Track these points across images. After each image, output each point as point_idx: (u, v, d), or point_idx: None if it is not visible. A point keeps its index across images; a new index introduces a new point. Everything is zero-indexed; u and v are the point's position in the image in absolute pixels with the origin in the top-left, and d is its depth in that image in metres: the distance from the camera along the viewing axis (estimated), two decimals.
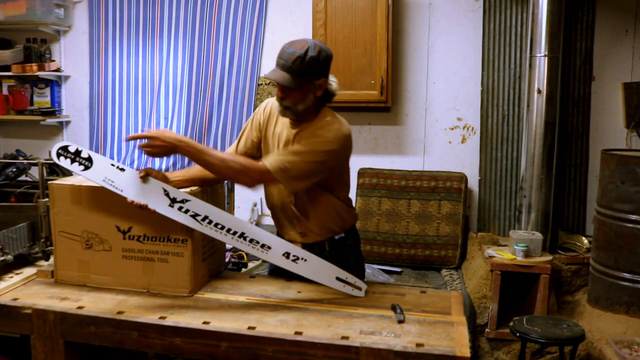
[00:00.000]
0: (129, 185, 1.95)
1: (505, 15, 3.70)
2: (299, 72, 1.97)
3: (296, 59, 1.96)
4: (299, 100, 2.03)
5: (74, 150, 1.97)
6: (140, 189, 1.95)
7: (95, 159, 1.96)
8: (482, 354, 3.23)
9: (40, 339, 1.92)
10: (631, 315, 3.04)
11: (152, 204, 1.94)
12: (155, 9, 4.13)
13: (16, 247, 2.28)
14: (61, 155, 1.96)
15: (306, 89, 2.03)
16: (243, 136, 2.28)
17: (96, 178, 1.95)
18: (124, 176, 1.96)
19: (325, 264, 2.07)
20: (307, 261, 2.05)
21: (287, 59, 1.98)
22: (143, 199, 1.94)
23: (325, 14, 3.67)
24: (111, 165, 1.97)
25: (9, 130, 4.58)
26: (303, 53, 1.96)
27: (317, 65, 2.00)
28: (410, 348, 1.68)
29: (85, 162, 1.96)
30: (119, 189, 1.94)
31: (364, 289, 2.09)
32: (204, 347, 1.80)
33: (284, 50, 2.00)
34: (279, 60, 2.01)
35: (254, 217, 4.12)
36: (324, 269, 2.06)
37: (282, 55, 2.00)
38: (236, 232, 2.00)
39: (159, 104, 4.19)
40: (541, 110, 3.44)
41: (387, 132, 3.97)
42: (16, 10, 4.07)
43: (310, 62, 1.97)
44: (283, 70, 1.99)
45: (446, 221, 3.71)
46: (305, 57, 1.96)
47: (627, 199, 3.04)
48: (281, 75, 1.99)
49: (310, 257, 2.06)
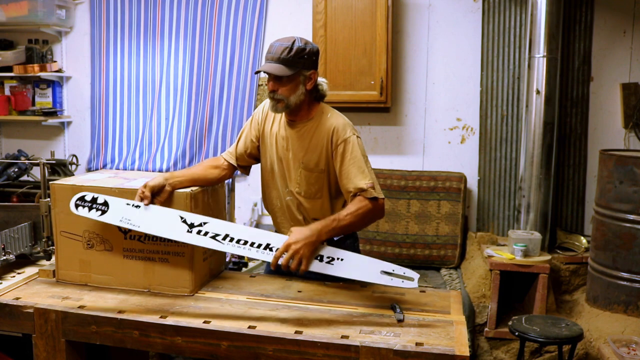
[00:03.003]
0: (145, 220, 1.97)
1: (504, 16, 3.71)
2: (288, 61, 2.03)
3: (284, 50, 2.03)
4: (290, 92, 2.07)
5: (90, 198, 2.02)
6: (157, 221, 1.97)
7: (111, 202, 2.01)
8: (481, 353, 3.24)
9: (41, 338, 1.94)
10: (629, 314, 3.05)
11: (170, 234, 1.95)
12: (156, 11, 4.15)
13: (18, 246, 2.29)
14: (79, 205, 2.01)
15: (296, 80, 2.07)
16: (243, 135, 2.30)
17: (114, 220, 1.99)
18: (139, 212, 1.99)
19: (367, 259, 1.95)
20: (344, 260, 1.94)
21: (276, 51, 2.05)
22: (161, 231, 1.96)
23: (325, 15, 3.68)
24: (126, 204, 2.00)
25: (11, 131, 4.59)
26: (290, 44, 2.04)
27: (305, 55, 2.06)
28: (409, 347, 1.70)
29: (102, 207, 2.00)
30: (136, 225, 1.97)
31: (416, 279, 1.89)
32: (204, 346, 1.81)
33: (272, 45, 2.08)
34: (267, 55, 2.08)
35: (254, 217, 4.13)
36: (366, 265, 1.93)
37: (270, 49, 2.07)
38: (261, 245, 1.95)
39: (160, 105, 4.21)
40: (540, 111, 3.45)
41: (387, 132, 3.98)
42: (18, 12, 4.08)
43: (298, 51, 2.04)
44: (272, 62, 2.05)
45: (445, 221, 3.73)
46: (292, 47, 2.03)
47: (625, 198, 3.05)
48: (270, 66, 2.04)
49: (347, 255, 1.96)
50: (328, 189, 2.19)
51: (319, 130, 2.14)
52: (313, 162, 2.15)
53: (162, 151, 4.20)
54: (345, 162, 2.10)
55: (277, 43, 2.06)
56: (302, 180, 2.16)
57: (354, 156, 2.09)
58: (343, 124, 2.14)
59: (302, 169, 2.16)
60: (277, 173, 2.23)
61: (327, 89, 2.20)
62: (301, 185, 2.17)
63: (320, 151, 2.14)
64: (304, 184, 2.17)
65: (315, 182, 2.16)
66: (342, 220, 2.01)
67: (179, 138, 4.18)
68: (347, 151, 2.10)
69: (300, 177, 2.16)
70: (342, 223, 2.01)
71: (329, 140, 2.12)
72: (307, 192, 2.17)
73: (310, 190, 2.17)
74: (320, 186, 2.17)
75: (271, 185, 2.27)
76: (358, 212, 2.04)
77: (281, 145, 2.20)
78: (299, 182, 2.17)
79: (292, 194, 2.20)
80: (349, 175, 2.09)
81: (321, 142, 2.14)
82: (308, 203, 2.19)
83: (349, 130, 2.12)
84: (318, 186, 2.17)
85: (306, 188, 2.17)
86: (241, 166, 2.32)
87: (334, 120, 2.15)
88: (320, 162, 2.15)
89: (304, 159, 2.15)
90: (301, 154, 2.15)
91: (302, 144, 2.15)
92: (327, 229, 1.98)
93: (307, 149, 2.15)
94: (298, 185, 2.17)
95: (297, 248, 1.91)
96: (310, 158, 2.15)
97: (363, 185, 2.06)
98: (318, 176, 2.16)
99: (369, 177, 2.08)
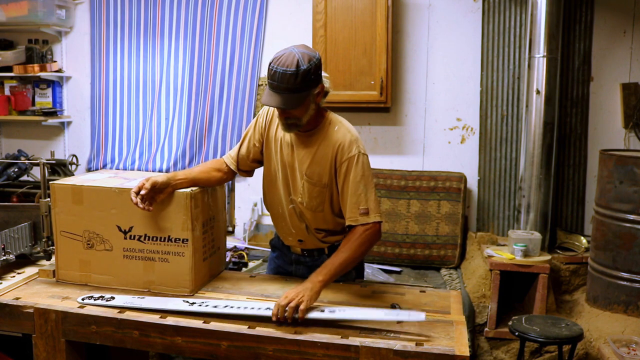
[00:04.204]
0: (149, 303, 1.98)
1: (504, 16, 3.71)
2: (296, 89, 1.91)
3: (290, 78, 1.89)
4: (302, 113, 1.99)
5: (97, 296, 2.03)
6: (160, 302, 1.98)
7: (117, 297, 2.03)
8: (481, 353, 3.24)
9: (41, 338, 1.94)
10: (629, 314, 3.05)
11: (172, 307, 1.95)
12: (156, 11, 4.15)
13: (18, 246, 2.29)
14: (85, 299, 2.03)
15: (307, 101, 1.97)
16: (245, 140, 2.25)
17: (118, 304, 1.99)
18: (143, 301, 1.99)
19: (369, 309, 1.91)
20: (346, 310, 1.89)
21: (280, 79, 1.90)
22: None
23: (325, 15, 3.68)
24: (132, 297, 2.02)
25: (10, 131, 4.59)
26: (295, 69, 1.89)
27: (311, 76, 1.93)
28: (409, 347, 1.70)
29: (109, 299, 2.01)
30: (139, 304, 1.96)
31: (423, 315, 1.81)
32: (204, 346, 1.82)
33: (274, 72, 1.91)
34: (272, 83, 1.93)
35: (254, 217, 4.13)
36: (369, 311, 1.91)
37: (273, 77, 1.91)
38: (260, 307, 1.91)
39: (160, 105, 4.21)
40: (540, 111, 3.45)
41: (387, 132, 3.98)
42: (18, 12, 4.08)
43: (305, 76, 1.90)
44: (279, 93, 1.92)
45: (445, 221, 3.73)
46: (298, 73, 1.89)
47: (625, 198, 3.05)
48: (278, 99, 1.92)
49: (348, 308, 1.92)
50: (330, 204, 2.14)
51: (324, 144, 2.08)
52: (316, 175, 2.10)
53: (162, 151, 4.20)
54: (348, 182, 2.05)
55: (280, 69, 1.89)
56: (304, 192, 2.12)
57: (355, 175, 2.04)
58: (350, 140, 2.06)
59: (305, 181, 2.11)
60: (281, 180, 2.18)
61: (330, 85, 2.11)
62: (304, 197, 2.13)
63: (324, 165, 2.08)
64: (307, 196, 2.12)
65: (317, 195, 2.12)
66: (344, 262, 1.98)
67: (179, 138, 4.18)
68: (350, 170, 2.04)
69: (303, 189, 2.12)
70: (345, 264, 1.99)
71: (334, 156, 2.07)
72: (309, 205, 2.13)
73: (312, 203, 2.13)
74: (322, 200, 2.12)
75: (273, 191, 2.23)
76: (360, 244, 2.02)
77: (286, 152, 2.14)
78: (301, 193, 2.13)
79: (294, 202, 2.17)
80: (346, 203, 2.06)
81: (326, 156, 2.08)
82: (310, 215, 2.16)
83: (354, 148, 2.05)
84: (320, 200, 2.12)
85: (308, 200, 2.12)
86: (243, 170, 2.28)
87: (341, 135, 2.07)
88: (323, 176, 2.09)
89: (307, 171, 2.10)
90: (305, 165, 2.10)
91: (307, 153, 2.10)
92: (327, 275, 1.93)
93: (312, 161, 2.09)
94: (301, 195, 2.13)
95: (303, 300, 1.84)
96: (314, 170, 2.10)
97: (358, 215, 2.03)
98: (320, 190, 2.11)
99: (364, 202, 2.03)
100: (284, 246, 2.34)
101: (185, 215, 2.04)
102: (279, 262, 2.38)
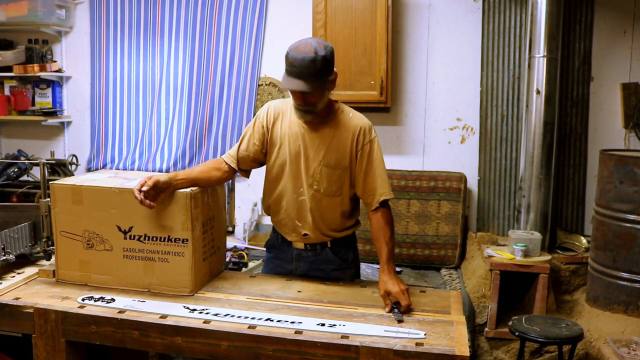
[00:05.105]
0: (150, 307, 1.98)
1: (504, 16, 3.71)
2: (315, 74, 1.99)
3: (309, 63, 1.98)
4: (319, 99, 2.08)
5: (97, 297, 2.03)
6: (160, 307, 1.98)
7: (117, 299, 2.03)
8: (481, 353, 3.24)
9: (41, 338, 1.94)
10: (629, 315, 3.05)
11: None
12: (156, 10, 4.15)
13: (18, 246, 2.29)
14: None
15: (324, 87, 2.07)
16: (245, 139, 2.26)
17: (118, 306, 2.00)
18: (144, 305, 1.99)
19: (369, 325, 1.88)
20: (346, 325, 1.86)
21: (300, 65, 1.98)
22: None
23: (325, 15, 3.68)
24: (132, 300, 2.02)
25: (10, 131, 4.59)
26: (314, 55, 1.98)
27: (328, 62, 2.03)
28: (409, 347, 1.70)
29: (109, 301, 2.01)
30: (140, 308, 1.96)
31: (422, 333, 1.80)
32: (204, 347, 1.81)
33: (293, 58, 1.99)
34: (291, 69, 2.00)
35: (254, 217, 4.13)
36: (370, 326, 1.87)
37: (293, 62, 1.99)
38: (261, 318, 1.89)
39: (160, 105, 4.21)
40: (540, 111, 3.45)
41: (387, 132, 3.98)
42: (18, 11, 4.08)
43: (323, 61, 2.00)
44: (300, 79, 1.99)
45: (445, 221, 3.73)
46: (316, 59, 1.98)
47: (625, 198, 3.05)
48: (299, 83, 2.00)
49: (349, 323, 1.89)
50: (348, 187, 2.22)
51: (341, 130, 2.17)
52: (334, 160, 2.17)
53: (162, 151, 4.20)
54: (372, 163, 2.17)
55: (300, 56, 1.98)
56: (322, 178, 2.18)
57: (378, 158, 2.18)
58: (369, 124, 2.20)
59: (323, 167, 2.17)
60: (288, 174, 2.21)
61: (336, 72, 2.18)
62: (321, 183, 2.18)
63: (343, 150, 2.17)
64: (325, 182, 2.18)
65: (337, 179, 2.19)
66: (392, 246, 2.15)
67: (179, 138, 4.18)
68: (373, 152, 2.17)
69: (321, 175, 2.17)
70: (393, 247, 2.15)
71: (355, 140, 2.16)
72: (328, 190, 2.19)
73: (331, 187, 2.19)
74: (341, 184, 2.20)
75: (279, 187, 2.25)
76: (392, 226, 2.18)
77: (295, 145, 2.18)
78: (318, 180, 2.18)
79: (307, 192, 2.20)
80: (375, 179, 2.17)
81: (345, 140, 2.16)
82: (327, 201, 2.21)
83: (373, 132, 2.20)
84: (339, 184, 2.19)
85: (327, 185, 2.19)
86: (242, 169, 2.29)
87: (359, 120, 2.19)
88: (342, 160, 2.18)
89: (325, 157, 2.16)
90: (322, 152, 2.16)
91: (323, 141, 2.17)
92: (393, 264, 2.12)
93: (329, 147, 2.16)
94: (317, 182, 2.18)
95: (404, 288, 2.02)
96: (332, 156, 2.17)
97: (387, 195, 2.16)
98: (341, 174, 2.19)
99: (387, 183, 2.18)
100: (283, 244, 2.34)
101: (185, 215, 2.04)
102: (277, 261, 2.38)
